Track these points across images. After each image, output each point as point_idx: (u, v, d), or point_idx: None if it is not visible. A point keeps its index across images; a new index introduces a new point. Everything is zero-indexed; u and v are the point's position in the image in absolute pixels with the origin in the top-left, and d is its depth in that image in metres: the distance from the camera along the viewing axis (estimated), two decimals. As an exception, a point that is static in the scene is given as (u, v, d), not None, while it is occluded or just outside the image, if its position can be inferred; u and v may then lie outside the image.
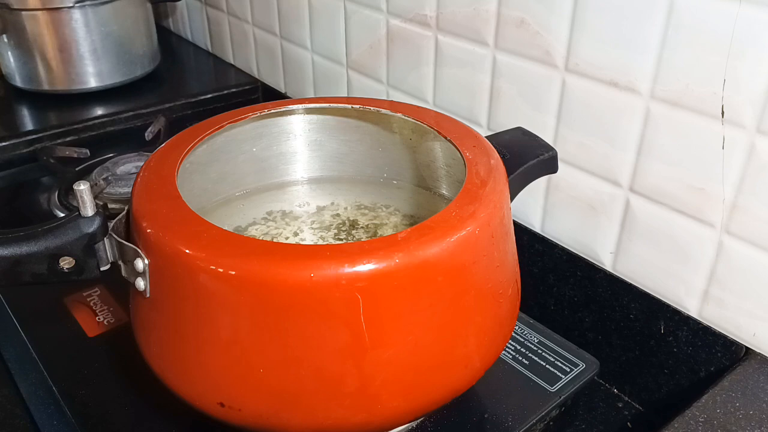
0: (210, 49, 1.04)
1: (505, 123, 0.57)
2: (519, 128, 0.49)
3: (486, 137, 0.45)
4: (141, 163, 0.59)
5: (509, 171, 0.42)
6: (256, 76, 0.94)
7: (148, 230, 0.35)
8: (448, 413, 0.45)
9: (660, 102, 0.45)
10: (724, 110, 0.42)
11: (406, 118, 0.47)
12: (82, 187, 0.37)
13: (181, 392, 0.38)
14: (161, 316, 0.37)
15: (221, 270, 0.33)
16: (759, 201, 0.42)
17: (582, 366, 0.49)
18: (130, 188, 0.39)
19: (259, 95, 0.94)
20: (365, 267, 0.32)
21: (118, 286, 0.54)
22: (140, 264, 0.36)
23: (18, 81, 0.88)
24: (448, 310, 0.36)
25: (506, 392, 0.47)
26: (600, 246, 0.53)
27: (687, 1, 0.41)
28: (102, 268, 0.39)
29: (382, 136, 0.51)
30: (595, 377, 0.50)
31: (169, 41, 1.10)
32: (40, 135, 0.79)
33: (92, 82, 0.87)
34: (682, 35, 0.42)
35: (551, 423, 0.48)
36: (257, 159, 0.52)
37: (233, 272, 0.33)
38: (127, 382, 0.48)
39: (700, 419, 0.40)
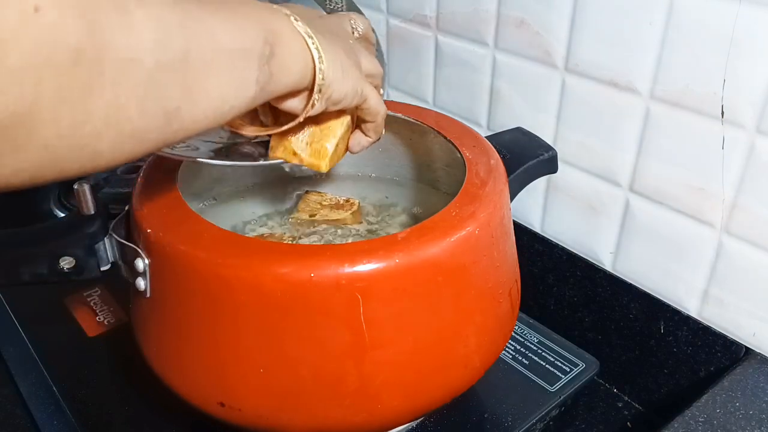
0: (210, 49, 1.04)
1: (505, 123, 0.57)
2: (519, 128, 0.49)
3: (486, 137, 0.45)
4: (141, 163, 0.59)
5: (509, 171, 0.42)
6: (256, 76, 0.93)
7: (148, 230, 0.35)
8: (448, 413, 0.45)
9: (660, 102, 0.45)
10: (724, 110, 0.42)
11: (406, 118, 0.47)
12: (83, 187, 0.37)
13: (181, 392, 0.38)
14: (161, 316, 0.37)
15: (221, 270, 0.33)
16: (759, 201, 0.42)
17: (582, 366, 0.49)
18: (130, 188, 0.39)
19: (259, 95, 0.93)
20: (365, 267, 0.32)
21: (118, 286, 0.54)
22: (140, 264, 0.36)
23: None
24: (448, 311, 0.36)
25: (506, 392, 0.47)
26: (600, 246, 0.53)
27: (687, 1, 0.41)
28: (102, 268, 0.39)
29: (383, 135, 0.51)
30: (595, 377, 0.50)
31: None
32: (40, 135, 0.78)
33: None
34: (682, 35, 0.42)
35: (551, 423, 0.48)
36: (257, 159, 0.52)
37: (233, 272, 0.33)
38: (127, 382, 0.48)
39: (700, 419, 0.40)
